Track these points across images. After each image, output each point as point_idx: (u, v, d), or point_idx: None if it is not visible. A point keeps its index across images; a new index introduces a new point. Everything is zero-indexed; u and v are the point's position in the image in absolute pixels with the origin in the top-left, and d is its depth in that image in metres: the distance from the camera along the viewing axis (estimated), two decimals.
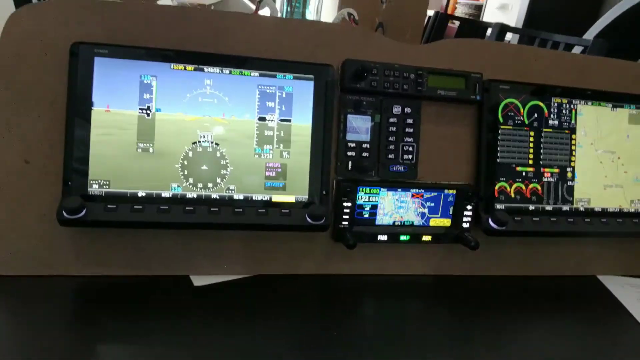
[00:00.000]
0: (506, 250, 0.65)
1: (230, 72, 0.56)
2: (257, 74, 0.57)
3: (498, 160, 0.63)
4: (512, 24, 2.46)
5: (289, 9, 1.49)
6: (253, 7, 1.86)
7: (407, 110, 0.61)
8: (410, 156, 0.61)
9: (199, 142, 0.56)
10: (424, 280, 0.62)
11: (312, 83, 0.58)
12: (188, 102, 0.55)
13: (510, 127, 0.64)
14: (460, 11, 3.04)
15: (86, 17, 0.54)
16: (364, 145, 0.60)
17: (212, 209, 0.55)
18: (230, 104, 0.56)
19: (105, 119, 0.53)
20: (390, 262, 0.62)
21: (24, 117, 0.52)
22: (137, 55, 0.54)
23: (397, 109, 0.60)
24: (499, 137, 0.63)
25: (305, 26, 0.59)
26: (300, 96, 0.58)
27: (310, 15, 1.50)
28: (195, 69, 0.55)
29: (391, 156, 0.60)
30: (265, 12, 1.85)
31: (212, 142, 0.56)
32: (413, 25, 1.97)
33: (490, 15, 2.77)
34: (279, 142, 0.57)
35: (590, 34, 2.07)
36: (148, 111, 0.54)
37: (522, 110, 0.64)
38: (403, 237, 0.60)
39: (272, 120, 0.57)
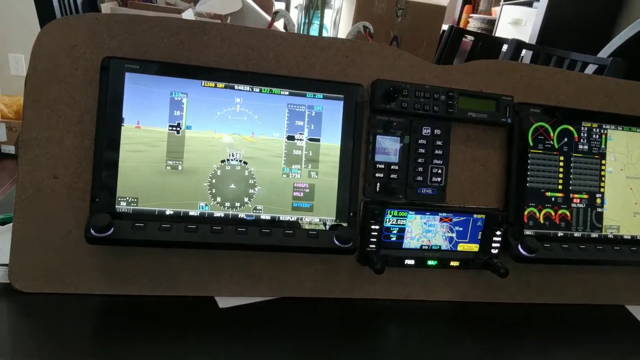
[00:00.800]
0: (533, 276, 0.64)
1: (261, 90, 0.56)
2: (287, 92, 0.56)
3: (528, 184, 0.62)
4: (526, 39, 2.46)
5: (306, 20, 1.49)
6: (269, 18, 1.87)
7: (437, 131, 0.60)
8: (439, 179, 0.60)
9: (228, 160, 0.55)
10: (450, 307, 0.61)
11: (341, 103, 0.58)
12: (218, 119, 0.55)
13: (540, 151, 0.63)
14: (472, 25, 3.04)
15: (117, 32, 0.53)
16: (392, 167, 0.59)
17: (239, 229, 0.54)
18: (259, 122, 0.56)
19: (135, 136, 0.52)
20: (416, 287, 0.60)
21: (53, 131, 0.52)
22: (169, 72, 0.53)
23: (426, 131, 0.59)
24: (529, 161, 0.62)
25: (336, 44, 0.59)
26: (329, 115, 0.57)
27: (327, 27, 1.50)
28: (225, 87, 0.55)
29: (420, 178, 0.59)
30: (280, 23, 1.85)
31: (240, 161, 0.55)
32: (428, 39, 1.98)
33: (503, 30, 2.77)
34: (307, 162, 0.57)
35: (605, 53, 2.06)
36: (178, 128, 0.54)
37: (552, 134, 0.63)
38: (430, 262, 0.59)
39: (300, 140, 0.57)
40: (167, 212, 0.53)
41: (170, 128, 0.53)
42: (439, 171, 0.60)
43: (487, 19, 2.96)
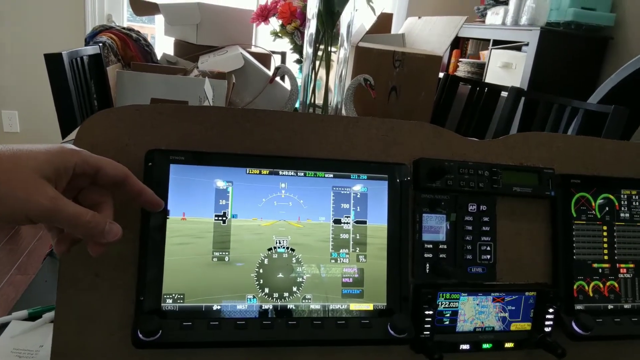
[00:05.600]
0: (585, 351, 0.62)
1: (305, 174, 0.55)
2: (331, 175, 0.55)
3: (575, 257, 0.61)
4: (517, 82, 2.52)
5: (312, 75, 1.50)
6: (269, 73, 1.89)
7: (483, 207, 0.59)
8: (488, 256, 0.58)
9: (275, 248, 0.53)
10: None
11: (386, 183, 0.57)
12: (263, 206, 0.53)
13: (584, 222, 0.62)
14: (462, 69, 3.11)
15: (160, 123, 0.52)
16: (440, 246, 0.57)
17: (289, 322, 0.51)
18: (305, 207, 0.54)
19: (180, 228, 0.51)
20: None
21: None
22: (213, 161, 0.52)
23: (472, 207, 0.59)
24: (574, 233, 0.61)
25: (376, 124, 0.58)
26: (374, 196, 0.56)
27: (332, 81, 1.50)
28: (270, 173, 0.54)
29: (469, 257, 0.58)
30: (282, 80, 1.85)
31: (287, 248, 0.53)
32: (426, 88, 2.01)
33: (493, 74, 2.83)
34: (355, 245, 0.55)
35: (594, 98, 2.12)
36: (224, 218, 0.52)
37: (593, 203, 0.63)
38: (485, 345, 0.56)
39: (347, 223, 0.55)
40: (215, 308, 0.51)
41: (216, 218, 0.52)
42: (488, 248, 0.58)
43: (477, 63, 3.03)
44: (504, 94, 1.94)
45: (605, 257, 0.62)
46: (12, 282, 2.18)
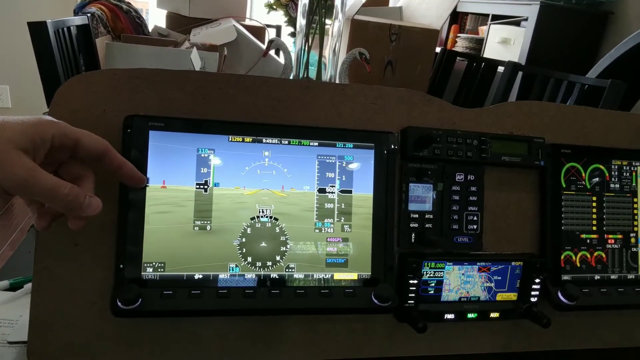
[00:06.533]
0: (572, 322, 0.62)
1: (289, 142, 0.53)
2: (316, 143, 0.54)
3: (563, 227, 0.60)
4: (515, 58, 2.49)
5: (305, 48, 1.47)
6: (264, 47, 1.86)
7: (471, 177, 0.58)
8: (475, 226, 0.58)
9: (258, 217, 0.52)
10: (492, 359, 0.58)
11: (372, 151, 0.55)
12: (246, 175, 0.52)
13: (573, 193, 0.61)
14: (460, 45, 3.07)
15: (138, 88, 0.51)
16: (427, 216, 0.56)
17: (272, 291, 0.51)
18: (289, 176, 0.53)
19: (160, 196, 0.50)
20: (456, 341, 0.58)
21: None
22: (195, 128, 0.51)
23: (460, 177, 0.58)
24: (562, 204, 0.60)
25: (364, 92, 0.57)
26: (360, 165, 0.55)
27: (326, 55, 1.48)
28: (253, 140, 0.52)
29: (455, 227, 0.57)
30: (277, 54, 1.82)
31: (271, 217, 0.52)
32: (422, 62, 1.98)
33: (492, 49, 2.79)
34: (340, 215, 0.54)
35: (593, 73, 2.09)
36: (205, 186, 0.51)
37: (583, 174, 0.62)
38: (470, 315, 0.56)
39: (332, 192, 0.54)
40: (196, 277, 0.50)
41: (198, 186, 0.51)
42: (475, 218, 0.58)
43: (475, 39, 2.99)
44: (501, 69, 1.91)
45: (594, 228, 0.62)
46: (4, 258, 2.18)
